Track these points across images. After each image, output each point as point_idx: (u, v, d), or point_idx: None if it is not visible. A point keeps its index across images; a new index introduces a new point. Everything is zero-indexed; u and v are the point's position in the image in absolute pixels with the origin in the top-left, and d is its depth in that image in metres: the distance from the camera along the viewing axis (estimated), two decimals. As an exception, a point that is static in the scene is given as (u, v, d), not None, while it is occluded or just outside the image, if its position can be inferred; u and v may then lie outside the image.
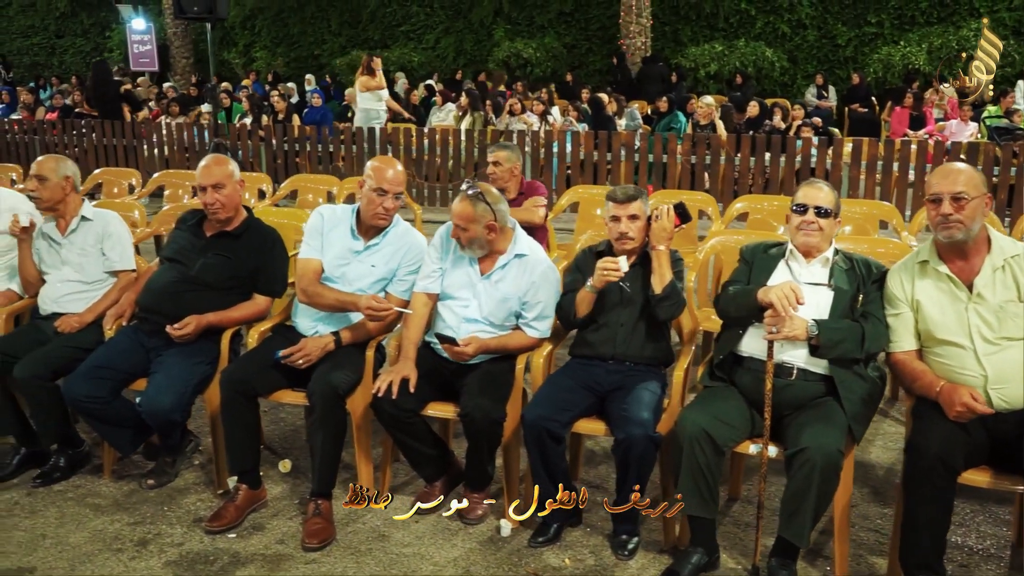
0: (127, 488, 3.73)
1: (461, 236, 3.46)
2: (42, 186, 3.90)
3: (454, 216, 3.44)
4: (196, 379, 3.57)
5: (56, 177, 3.91)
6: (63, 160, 4.01)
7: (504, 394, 3.35)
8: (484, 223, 3.42)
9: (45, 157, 4.02)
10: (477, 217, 3.41)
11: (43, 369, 3.65)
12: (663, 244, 3.30)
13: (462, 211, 3.42)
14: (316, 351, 3.48)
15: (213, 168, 3.74)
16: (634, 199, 3.35)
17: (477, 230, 3.42)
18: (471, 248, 3.48)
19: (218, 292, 3.70)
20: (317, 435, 3.36)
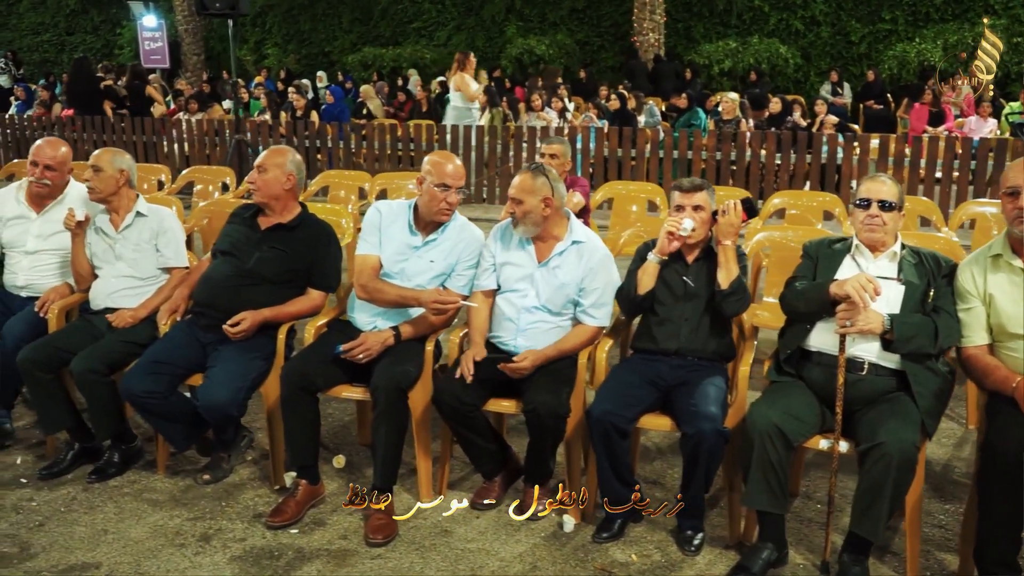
0: (182, 483, 3.72)
1: (516, 210, 3.45)
2: (96, 177, 3.89)
3: (512, 190, 3.45)
4: (253, 374, 3.56)
5: (111, 169, 3.90)
6: (120, 153, 4.00)
7: (568, 389, 3.33)
8: (541, 196, 3.43)
9: (102, 149, 4.02)
10: (535, 189, 3.41)
11: (99, 364, 3.64)
12: (729, 239, 3.28)
13: (521, 182, 3.43)
14: (376, 346, 3.46)
15: (267, 153, 3.78)
16: (700, 189, 3.35)
17: (533, 203, 3.42)
18: (525, 224, 3.46)
19: (274, 286, 3.69)
20: (380, 430, 3.34)
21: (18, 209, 4.20)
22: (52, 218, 4.13)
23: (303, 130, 10.63)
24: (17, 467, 3.86)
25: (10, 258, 4.18)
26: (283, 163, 3.74)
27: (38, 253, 4.13)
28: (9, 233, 4.17)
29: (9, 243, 4.18)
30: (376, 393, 3.33)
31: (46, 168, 4.14)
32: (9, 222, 4.19)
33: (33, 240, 4.14)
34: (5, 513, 3.46)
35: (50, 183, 4.15)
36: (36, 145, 4.20)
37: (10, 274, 4.15)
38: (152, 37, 19.89)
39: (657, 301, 3.40)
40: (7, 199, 4.24)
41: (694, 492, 3.11)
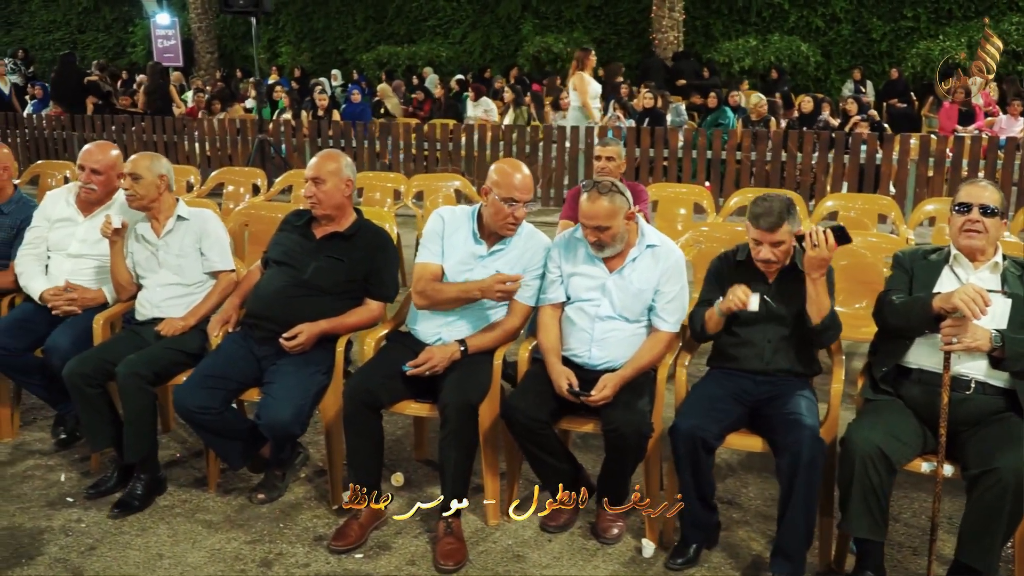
0: (236, 503, 3.55)
1: (602, 237, 3.25)
2: (136, 184, 3.72)
3: (592, 218, 3.23)
4: (314, 389, 3.39)
5: (151, 175, 3.73)
6: (156, 157, 3.82)
7: (649, 406, 3.16)
8: (623, 213, 3.26)
9: (139, 155, 3.83)
10: (617, 210, 3.23)
11: (145, 370, 3.47)
12: (818, 272, 3.03)
13: (602, 210, 3.21)
14: (443, 361, 3.29)
15: (317, 161, 3.58)
16: (780, 224, 3.07)
17: (618, 224, 3.25)
18: (612, 246, 3.29)
19: (332, 297, 3.52)
20: (450, 449, 3.17)
21: (67, 212, 4.06)
22: (97, 223, 3.97)
23: (326, 129, 10.46)
24: (62, 485, 3.70)
25: (53, 260, 4.03)
26: (339, 170, 3.57)
27: (80, 257, 3.98)
28: (55, 235, 4.03)
29: (54, 245, 4.03)
30: (446, 410, 3.16)
31: (92, 172, 3.99)
32: (57, 223, 4.05)
33: (77, 244, 3.99)
34: (54, 535, 3.31)
35: (96, 188, 3.99)
36: (85, 149, 4.06)
37: (52, 278, 3.99)
38: (165, 35, 19.80)
39: (737, 323, 3.21)
40: (58, 200, 4.11)
41: (793, 517, 2.91)
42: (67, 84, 12.50)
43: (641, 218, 3.47)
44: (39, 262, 4.02)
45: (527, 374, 3.35)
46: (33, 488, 3.67)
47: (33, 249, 4.03)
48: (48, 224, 4.06)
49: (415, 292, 3.48)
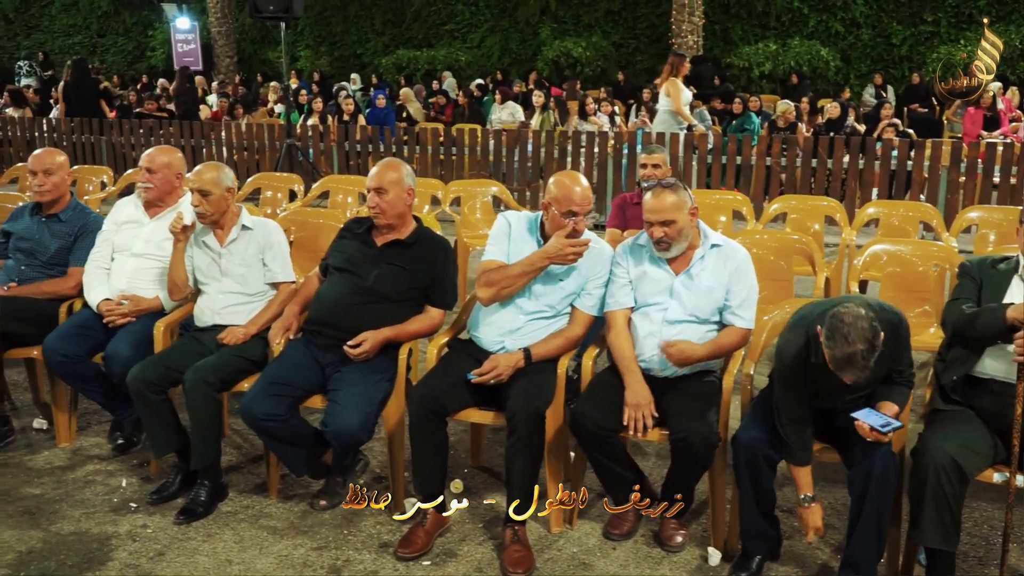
0: (298, 509, 3.57)
1: (668, 232, 3.26)
2: (206, 200, 3.73)
3: (657, 212, 3.25)
4: (379, 397, 3.42)
5: (219, 190, 3.75)
6: (223, 169, 3.84)
7: (716, 415, 3.18)
8: (687, 209, 3.28)
9: (204, 167, 3.84)
10: (681, 204, 3.26)
11: (212, 377, 3.51)
12: None
13: (667, 203, 3.24)
14: (508, 369, 3.31)
15: (379, 172, 3.59)
16: None
17: (683, 219, 3.27)
18: (677, 244, 3.30)
19: (394, 304, 3.54)
20: (517, 457, 3.19)
21: (134, 214, 4.12)
22: (163, 224, 4.02)
23: (353, 134, 10.48)
24: (124, 490, 3.73)
25: (116, 261, 4.08)
26: (400, 179, 3.59)
27: (142, 257, 4.03)
28: (121, 236, 4.09)
29: (119, 246, 4.08)
30: (514, 419, 3.18)
31: (147, 171, 4.04)
32: (123, 225, 4.11)
33: (141, 244, 4.04)
34: (122, 541, 3.33)
35: (152, 186, 4.04)
36: (146, 152, 4.11)
37: (115, 277, 4.03)
38: (185, 39, 19.95)
39: None
40: (127, 205, 4.18)
41: (864, 529, 2.91)
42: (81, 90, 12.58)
43: (701, 220, 3.48)
44: (102, 270, 4.06)
45: (593, 381, 3.37)
46: (96, 493, 3.70)
47: (99, 255, 4.07)
48: (115, 227, 4.12)
49: (479, 285, 3.47)
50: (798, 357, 2.88)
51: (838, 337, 2.64)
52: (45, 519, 3.49)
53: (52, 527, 3.43)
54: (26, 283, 4.14)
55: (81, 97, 12.36)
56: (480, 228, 6.41)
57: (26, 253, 4.19)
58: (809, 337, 2.84)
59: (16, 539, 3.34)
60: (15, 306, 4.02)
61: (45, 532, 3.39)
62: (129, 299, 3.96)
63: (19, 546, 3.29)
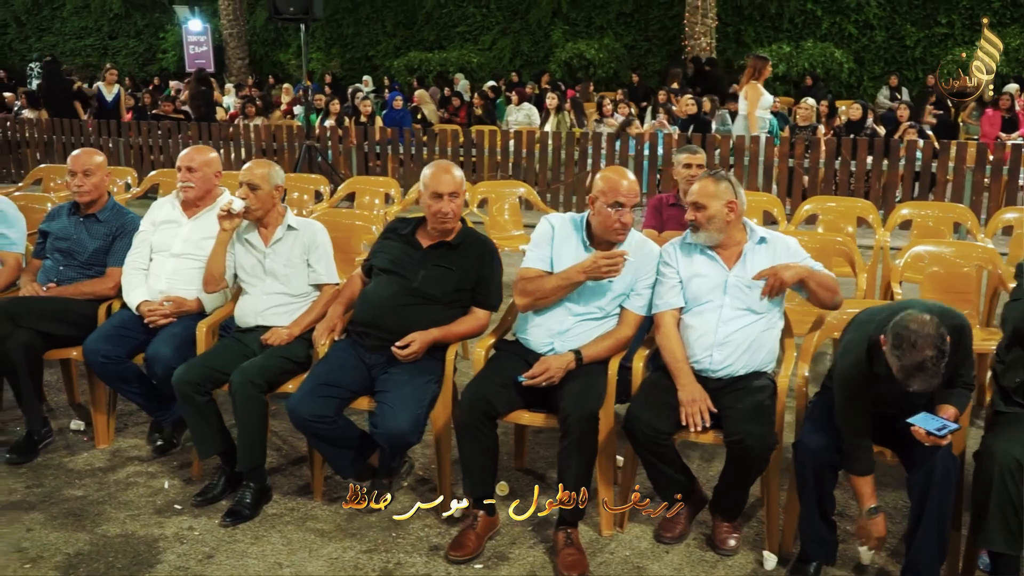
0: (344, 511, 3.54)
1: (698, 216, 3.29)
2: (254, 194, 3.72)
3: (691, 196, 3.32)
4: (428, 398, 3.39)
5: (268, 186, 3.73)
6: (274, 166, 3.82)
7: (772, 419, 3.14)
8: (724, 200, 3.28)
9: (254, 162, 3.83)
10: (718, 193, 3.28)
11: (259, 378, 3.49)
12: None
13: (702, 187, 3.31)
14: (559, 372, 3.28)
15: (452, 176, 3.53)
16: None
17: (716, 207, 3.27)
18: (708, 231, 3.30)
19: (441, 306, 3.52)
20: (571, 459, 3.15)
21: (172, 214, 4.10)
22: (202, 224, 4.01)
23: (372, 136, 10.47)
24: (167, 492, 3.70)
25: (155, 263, 4.05)
26: (463, 182, 3.58)
27: (182, 257, 4.00)
28: (159, 236, 4.07)
29: (157, 246, 4.06)
30: (568, 421, 3.14)
31: (187, 170, 4.03)
32: (161, 225, 4.09)
33: (180, 244, 4.02)
34: (169, 543, 3.31)
35: (193, 185, 4.02)
36: (184, 152, 4.09)
37: (154, 278, 4.01)
38: (197, 41, 19.98)
39: None
40: (164, 205, 4.16)
41: (925, 534, 2.86)
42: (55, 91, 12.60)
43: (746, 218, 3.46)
44: (141, 271, 4.04)
45: (645, 383, 3.34)
46: (139, 495, 3.67)
47: (137, 256, 4.05)
48: (153, 228, 4.09)
49: (516, 292, 3.47)
50: (858, 367, 2.84)
51: (906, 346, 2.60)
52: (90, 521, 3.46)
53: (98, 529, 3.40)
54: (64, 283, 4.12)
55: (55, 98, 12.38)
56: (509, 230, 6.38)
57: (64, 253, 4.17)
58: (870, 346, 2.80)
59: (63, 541, 3.31)
60: (54, 307, 4.00)
61: (91, 534, 3.36)
62: (170, 300, 3.93)
63: (66, 548, 3.27)
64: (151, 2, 22.34)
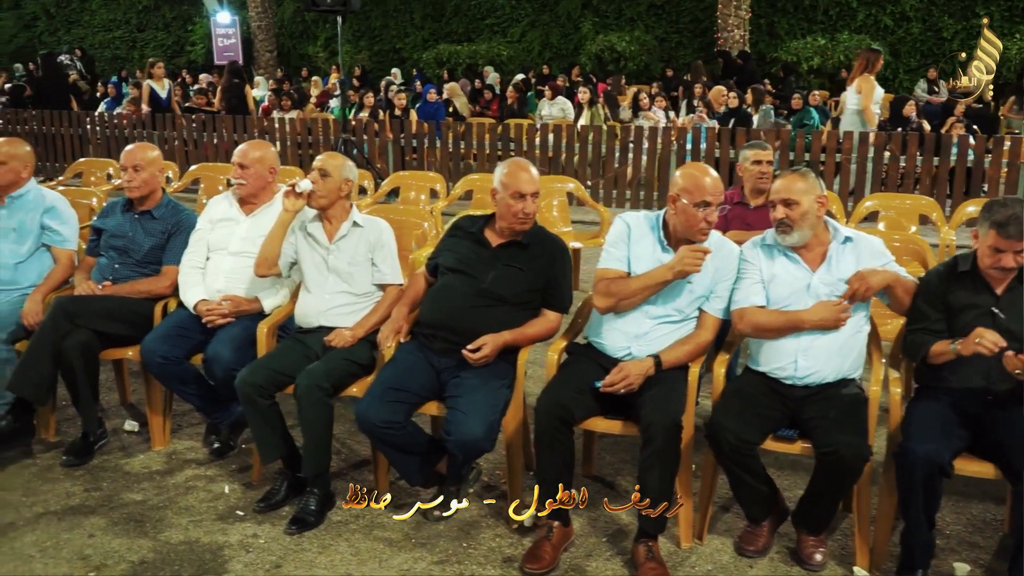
0: (412, 519, 3.43)
1: (790, 214, 3.14)
2: (323, 182, 3.62)
3: (780, 191, 3.17)
4: (501, 404, 3.27)
5: (338, 176, 3.63)
6: (348, 160, 3.73)
7: (865, 428, 3.00)
8: (815, 195, 3.16)
9: (329, 153, 3.76)
10: (808, 188, 3.15)
11: (324, 381, 3.38)
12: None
13: (789, 183, 3.17)
14: (639, 378, 3.15)
15: (531, 175, 3.42)
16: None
17: (808, 203, 3.14)
18: (800, 229, 3.16)
19: (512, 307, 3.40)
20: (654, 469, 3.02)
21: (229, 211, 4.01)
22: (260, 222, 3.91)
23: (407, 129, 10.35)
24: (227, 497, 3.61)
25: (212, 261, 3.96)
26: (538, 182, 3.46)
27: (240, 255, 3.91)
28: (216, 235, 3.98)
29: (214, 244, 3.97)
30: (650, 429, 3.01)
31: (240, 167, 3.94)
32: (218, 223, 4.00)
33: (238, 242, 3.93)
34: (234, 551, 3.21)
35: (245, 182, 3.93)
36: (238, 147, 3.99)
37: (211, 277, 3.93)
38: (226, 34, 19.92)
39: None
40: (220, 202, 4.07)
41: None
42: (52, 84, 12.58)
43: (828, 218, 3.33)
44: (198, 270, 3.95)
45: (728, 391, 3.21)
46: (199, 500, 3.58)
47: (194, 255, 3.96)
48: (210, 226, 4.00)
49: (597, 294, 3.34)
50: (941, 270, 3.15)
51: (995, 207, 2.94)
52: (152, 527, 3.37)
53: (160, 536, 3.31)
54: (120, 281, 4.03)
55: (51, 91, 12.36)
56: (558, 226, 6.25)
57: (119, 251, 4.08)
58: (955, 258, 3.12)
59: (126, 548, 3.23)
60: (110, 305, 3.91)
61: (154, 541, 3.28)
62: (228, 300, 3.84)
63: (130, 556, 3.18)
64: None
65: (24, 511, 3.49)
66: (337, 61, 20.47)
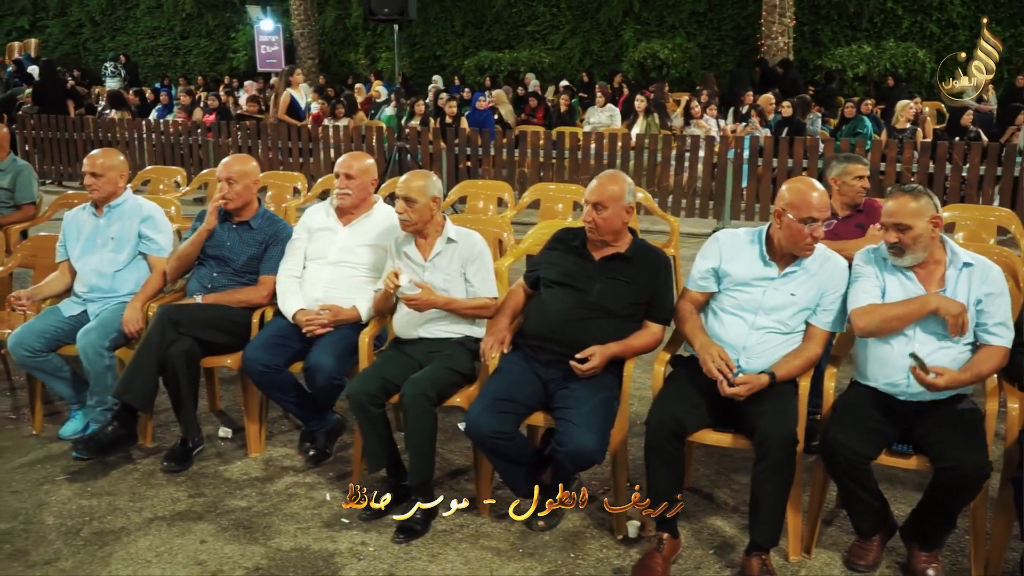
0: (515, 528, 3.45)
1: (903, 238, 3.10)
2: (411, 208, 3.64)
3: (892, 215, 3.11)
4: (611, 415, 3.29)
5: (424, 198, 3.65)
6: (430, 177, 3.74)
7: (985, 444, 2.99)
8: (928, 216, 3.10)
9: (411, 175, 3.75)
10: (921, 210, 3.09)
11: (430, 390, 3.42)
12: None
13: (901, 206, 3.10)
14: (751, 391, 3.15)
15: (600, 185, 3.46)
16: None
17: (922, 226, 3.09)
18: (914, 252, 3.13)
19: (618, 320, 3.42)
20: (768, 484, 3.03)
21: (326, 221, 4.06)
22: (357, 231, 3.98)
23: (457, 136, 10.41)
24: (330, 505, 3.64)
25: (310, 271, 4.02)
26: (621, 195, 3.46)
27: (339, 265, 3.97)
28: (315, 245, 4.04)
29: (313, 254, 4.03)
30: (767, 443, 3.02)
31: (346, 177, 3.98)
32: (316, 233, 4.05)
33: (336, 251, 3.98)
34: (345, 559, 3.25)
35: (351, 192, 3.98)
36: (341, 159, 4.05)
37: (310, 286, 3.98)
38: (268, 41, 20.10)
39: None
40: (318, 212, 4.12)
41: None
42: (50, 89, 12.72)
43: (945, 235, 3.30)
44: (295, 279, 4.01)
45: (841, 405, 3.20)
46: (303, 507, 3.62)
47: (291, 264, 4.02)
48: (307, 235, 4.06)
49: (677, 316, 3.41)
50: None
51: None
52: (261, 534, 3.42)
53: (271, 543, 3.36)
54: (218, 290, 4.10)
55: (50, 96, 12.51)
56: (628, 236, 6.25)
57: (218, 260, 4.15)
58: None
59: (239, 554, 3.28)
60: (212, 314, 3.98)
61: (266, 548, 3.32)
62: (327, 309, 3.88)
63: (244, 562, 3.23)
64: (223, 2, 22.57)
65: (134, 516, 3.55)
66: (377, 67, 20.71)
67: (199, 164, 11.24)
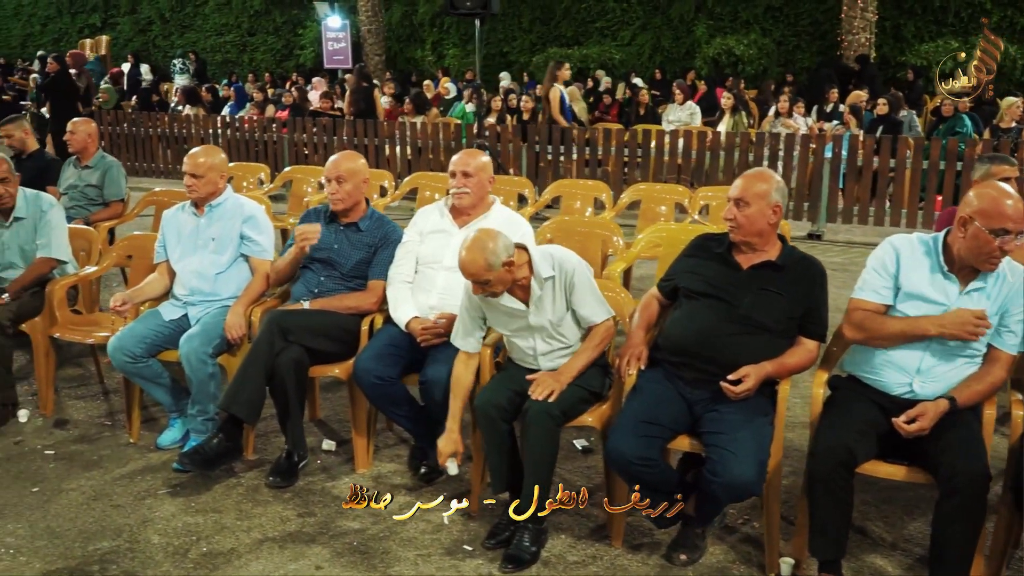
0: (652, 561, 3.17)
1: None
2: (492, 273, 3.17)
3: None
4: (768, 442, 2.98)
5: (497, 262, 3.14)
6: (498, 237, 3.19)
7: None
8: None
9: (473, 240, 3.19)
10: None
11: (556, 408, 3.15)
12: None
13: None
14: (932, 421, 2.81)
15: (744, 183, 3.17)
16: None
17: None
18: None
19: (772, 335, 3.10)
20: (955, 523, 2.70)
21: (441, 223, 3.81)
22: None
23: (533, 134, 10.12)
24: (449, 529, 3.39)
25: (423, 275, 3.77)
26: (767, 192, 3.14)
27: (455, 270, 3.63)
28: (427, 248, 3.79)
29: (425, 258, 3.78)
30: (954, 480, 2.68)
31: (464, 175, 3.75)
32: (429, 235, 3.81)
33: (452, 255, 3.67)
34: (474, 592, 2.99)
35: (469, 191, 3.74)
36: (457, 156, 3.79)
37: (423, 292, 3.74)
38: (336, 38, 20.01)
39: None
40: (431, 213, 3.88)
41: None
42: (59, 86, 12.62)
43: None
44: (407, 285, 3.76)
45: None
46: (420, 531, 3.38)
47: (403, 269, 3.78)
48: (420, 238, 3.81)
49: (850, 324, 3.08)
50: None
51: None
52: (379, 560, 3.18)
53: (391, 571, 3.12)
54: (325, 295, 3.87)
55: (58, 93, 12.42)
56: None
57: (325, 264, 3.92)
58: None
59: (359, 583, 3.04)
60: (321, 321, 3.76)
61: None
62: (444, 318, 3.63)
63: (366, 592, 2.99)
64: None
65: (243, 536, 3.34)
66: (444, 64, 20.53)
67: (274, 160, 11.11)
